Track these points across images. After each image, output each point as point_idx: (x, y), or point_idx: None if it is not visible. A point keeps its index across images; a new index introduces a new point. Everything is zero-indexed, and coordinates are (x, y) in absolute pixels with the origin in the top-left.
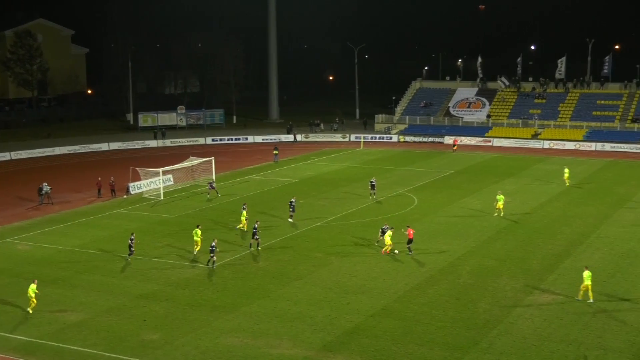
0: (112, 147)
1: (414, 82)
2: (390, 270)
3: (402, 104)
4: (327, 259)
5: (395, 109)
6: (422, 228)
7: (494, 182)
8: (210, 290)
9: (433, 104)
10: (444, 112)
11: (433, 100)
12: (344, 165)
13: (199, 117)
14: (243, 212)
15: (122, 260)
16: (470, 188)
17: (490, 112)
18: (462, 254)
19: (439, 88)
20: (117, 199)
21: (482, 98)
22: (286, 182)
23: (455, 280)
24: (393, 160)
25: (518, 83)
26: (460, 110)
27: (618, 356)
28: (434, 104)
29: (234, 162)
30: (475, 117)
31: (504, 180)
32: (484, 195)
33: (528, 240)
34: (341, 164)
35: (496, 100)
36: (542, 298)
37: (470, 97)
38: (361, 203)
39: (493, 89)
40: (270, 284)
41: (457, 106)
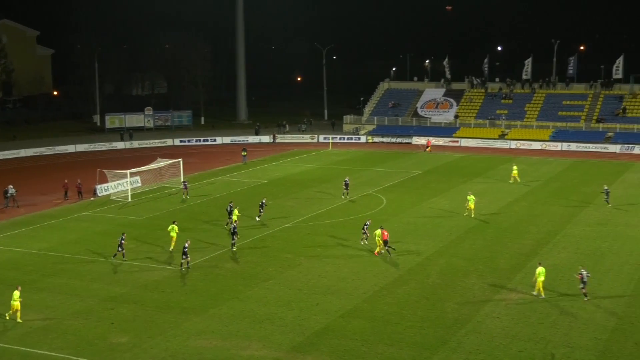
0: (79, 149)
1: (382, 83)
2: (359, 270)
3: (370, 105)
4: (296, 260)
5: (364, 109)
6: (391, 228)
7: (462, 182)
8: (179, 292)
9: (401, 105)
10: (411, 112)
11: (401, 100)
12: (312, 166)
13: (167, 118)
14: (234, 210)
15: (89, 263)
16: (439, 188)
17: (457, 113)
18: (431, 253)
19: (407, 89)
20: (85, 201)
21: (450, 99)
22: (255, 183)
23: (424, 280)
24: (362, 161)
25: (485, 84)
26: (428, 111)
27: (585, 353)
28: (402, 105)
29: (202, 163)
30: (443, 117)
31: (472, 180)
32: (452, 195)
33: (496, 239)
34: (310, 165)
35: (463, 101)
36: (509, 297)
37: (437, 97)
38: (330, 204)
39: (460, 90)
40: (239, 285)
41: (425, 107)
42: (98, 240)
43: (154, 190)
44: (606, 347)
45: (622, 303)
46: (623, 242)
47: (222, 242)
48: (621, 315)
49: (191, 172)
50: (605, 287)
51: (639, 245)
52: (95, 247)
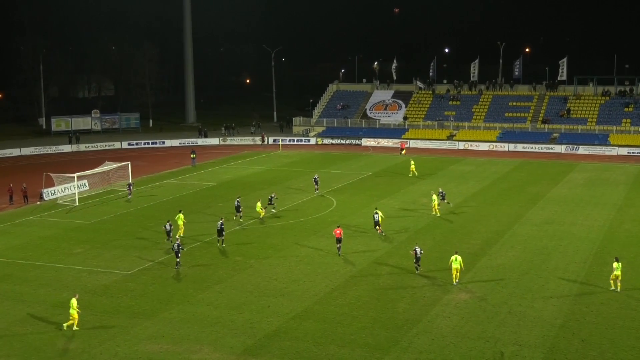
0: (24, 152)
1: (331, 85)
2: (310, 272)
3: (320, 107)
4: (246, 263)
5: (313, 111)
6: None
7: (412, 183)
8: (128, 297)
9: (350, 107)
10: (361, 114)
11: (350, 102)
12: (262, 168)
13: (114, 121)
14: (180, 215)
15: (35, 269)
16: (389, 189)
17: (406, 114)
18: (381, 254)
19: (356, 90)
20: (30, 205)
21: (398, 100)
22: (204, 186)
23: (375, 281)
24: (312, 163)
25: (432, 85)
26: (377, 113)
27: (533, 351)
28: (351, 107)
29: (150, 166)
30: (392, 119)
31: (421, 182)
32: (402, 196)
33: (445, 240)
34: (260, 167)
35: (412, 103)
36: (459, 296)
37: (386, 99)
38: (280, 206)
39: (409, 92)
40: (189, 288)
41: (374, 108)
42: (45, 245)
43: (101, 194)
44: (553, 345)
45: (568, 301)
46: (569, 241)
47: (169, 247)
48: (567, 313)
49: (139, 175)
50: (552, 286)
51: (584, 244)
52: (42, 252)
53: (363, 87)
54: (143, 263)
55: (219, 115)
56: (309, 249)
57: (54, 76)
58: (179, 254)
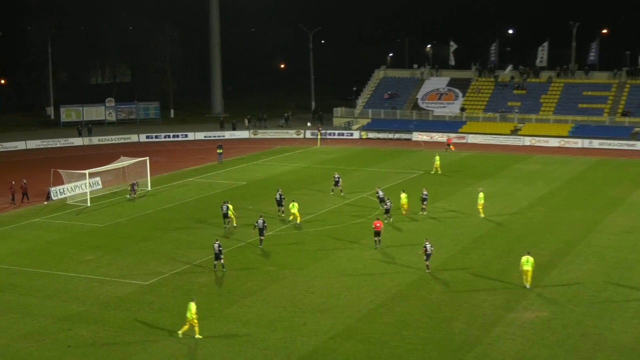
0: (30, 146)
1: (377, 71)
2: (352, 285)
3: (364, 96)
4: (280, 274)
5: (357, 101)
6: (389, 237)
7: (469, 184)
8: (146, 311)
9: (399, 96)
10: (411, 104)
11: (399, 91)
12: (298, 166)
13: (131, 110)
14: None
15: (42, 277)
16: (442, 191)
17: (464, 105)
18: (435, 266)
19: (406, 77)
20: (37, 205)
21: (455, 89)
22: (233, 185)
23: (427, 297)
24: (354, 160)
25: (494, 72)
26: (430, 103)
27: None
28: (400, 96)
29: (171, 162)
30: (447, 110)
31: (480, 182)
32: (458, 199)
33: (508, 250)
34: (295, 164)
35: (470, 91)
36: (524, 316)
37: (441, 87)
38: (319, 208)
39: (467, 79)
40: (214, 302)
41: (427, 98)
42: (52, 250)
43: (116, 194)
44: None
45: None
46: None
47: (191, 255)
48: None
49: (159, 172)
50: (633, 305)
51: None
52: (49, 259)
53: (414, 73)
54: (162, 272)
55: (249, 105)
56: (352, 258)
57: (64, 60)
58: (221, 255)
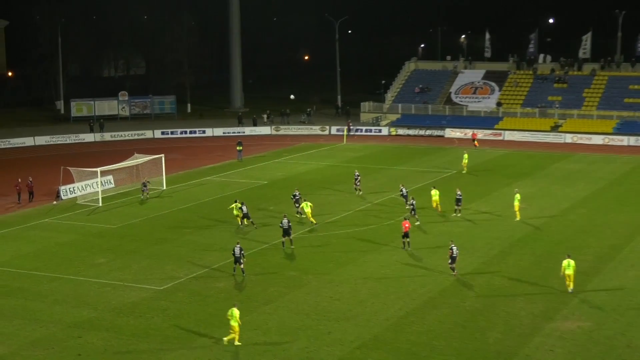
0: (39, 142)
1: (407, 63)
2: (380, 292)
3: (394, 90)
4: (303, 279)
5: (385, 95)
6: (420, 240)
7: (506, 184)
8: (161, 318)
9: (431, 90)
10: (444, 99)
11: (431, 84)
12: (323, 164)
13: (145, 105)
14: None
15: (51, 281)
16: (477, 191)
17: (500, 99)
18: (468, 271)
19: (438, 70)
20: (46, 205)
21: (491, 82)
22: (253, 185)
23: (460, 304)
24: (383, 158)
25: (534, 64)
26: (464, 97)
27: None
28: (432, 90)
29: (188, 160)
30: (483, 105)
31: (518, 182)
32: (493, 201)
33: (548, 254)
34: (320, 163)
35: (507, 85)
36: (565, 325)
37: (476, 80)
38: (344, 210)
39: (504, 71)
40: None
41: (461, 92)
42: (62, 253)
43: (129, 193)
44: None
45: None
46: None
47: (209, 258)
48: None
49: (175, 170)
50: None
51: None
52: (59, 262)
53: (447, 65)
54: (178, 277)
55: (270, 99)
56: (379, 262)
57: (74, 51)
58: (242, 259)
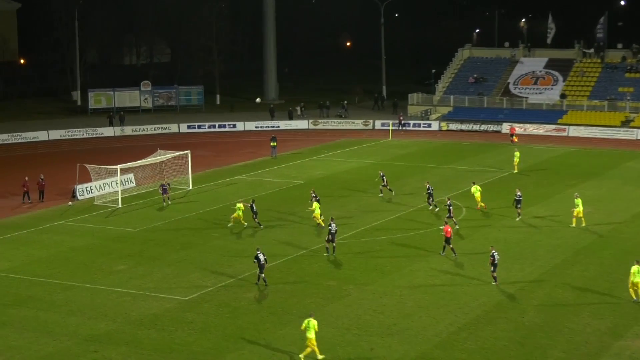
0: (53, 137)
1: (461, 50)
2: (429, 304)
3: (445, 79)
4: (342, 289)
5: (436, 85)
6: (473, 247)
7: (570, 185)
8: (185, 331)
9: (487, 80)
10: (501, 90)
11: (487, 74)
12: (366, 162)
13: (170, 96)
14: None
15: (65, 290)
16: (538, 194)
17: (564, 91)
18: (527, 282)
19: (495, 57)
20: (60, 206)
21: (554, 72)
22: (288, 185)
23: (518, 319)
24: (432, 156)
25: (602, 51)
26: (524, 88)
27: None
28: (488, 80)
29: (217, 157)
30: (545, 97)
31: (584, 183)
32: (556, 204)
33: (617, 264)
34: (363, 161)
35: (573, 75)
36: (636, 344)
37: (537, 70)
38: (390, 213)
39: (568, 60)
40: (266, 322)
41: (520, 82)
42: (78, 259)
43: (152, 193)
44: None
45: None
46: None
47: (239, 266)
48: None
49: (203, 168)
50: None
51: None
52: (74, 269)
53: (505, 52)
54: (205, 286)
55: (308, 90)
56: (428, 271)
57: (93, 37)
58: (264, 267)
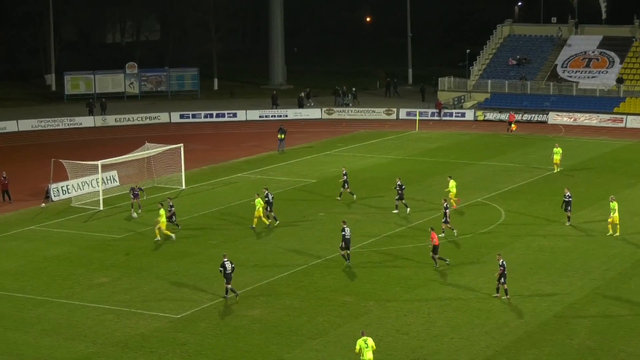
0: (23, 127)
1: (500, 27)
2: (461, 324)
3: (482, 62)
4: (360, 306)
5: (471, 68)
6: (513, 257)
7: (628, 185)
8: (177, 354)
9: (530, 61)
10: (547, 73)
11: (531, 54)
12: (388, 158)
13: (160, 80)
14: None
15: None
16: (590, 195)
17: (622, 74)
18: (577, 299)
19: (540, 36)
20: (31, 208)
21: (609, 52)
22: (298, 184)
23: (566, 342)
24: (466, 150)
25: None
26: (574, 71)
27: None
28: (531, 61)
29: (214, 151)
30: (599, 81)
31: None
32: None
33: None
34: (385, 156)
35: (631, 56)
36: None
37: (590, 50)
38: (417, 217)
39: (626, 38)
40: (271, 343)
41: (569, 64)
42: (52, 270)
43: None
44: None
45: None
46: None
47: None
48: None
49: (197, 164)
50: None
51: None
52: (48, 281)
53: (551, 30)
54: (200, 302)
55: (322, 73)
56: (461, 286)
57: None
58: (230, 277)
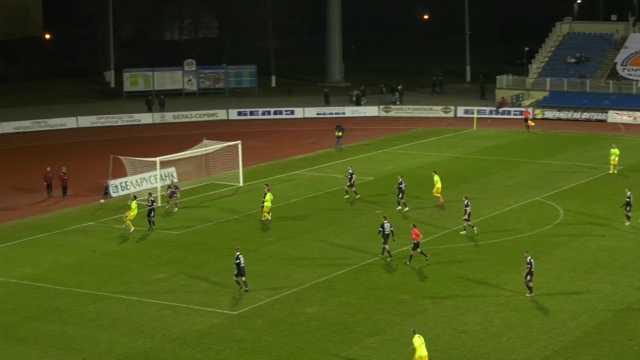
0: (83, 124)
1: (558, 25)
2: (518, 323)
3: (540, 60)
4: (417, 304)
5: (529, 66)
6: (572, 257)
7: None
8: (235, 351)
9: (590, 59)
10: (607, 71)
11: (590, 52)
12: (446, 156)
13: (218, 77)
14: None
15: (97, 301)
16: None
17: None
18: (636, 299)
19: (600, 33)
20: (91, 204)
21: None
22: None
23: (624, 342)
24: (524, 149)
25: None
26: (635, 70)
27: None
28: (591, 59)
29: (271, 148)
30: None
31: None
32: None
33: None
34: (442, 154)
35: None
36: None
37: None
38: (475, 215)
39: None
40: (328, 341)
41: (630, 62)
42: (110, 265)
43: (197, 190)
44: None
45: None
46: None
47: (297, 276)
48: None
49: (255, 161)
50: None
51: None
52: (106, 277)
53: (611, 27)
54: (257, 299)
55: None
56: (518, 285)
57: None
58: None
